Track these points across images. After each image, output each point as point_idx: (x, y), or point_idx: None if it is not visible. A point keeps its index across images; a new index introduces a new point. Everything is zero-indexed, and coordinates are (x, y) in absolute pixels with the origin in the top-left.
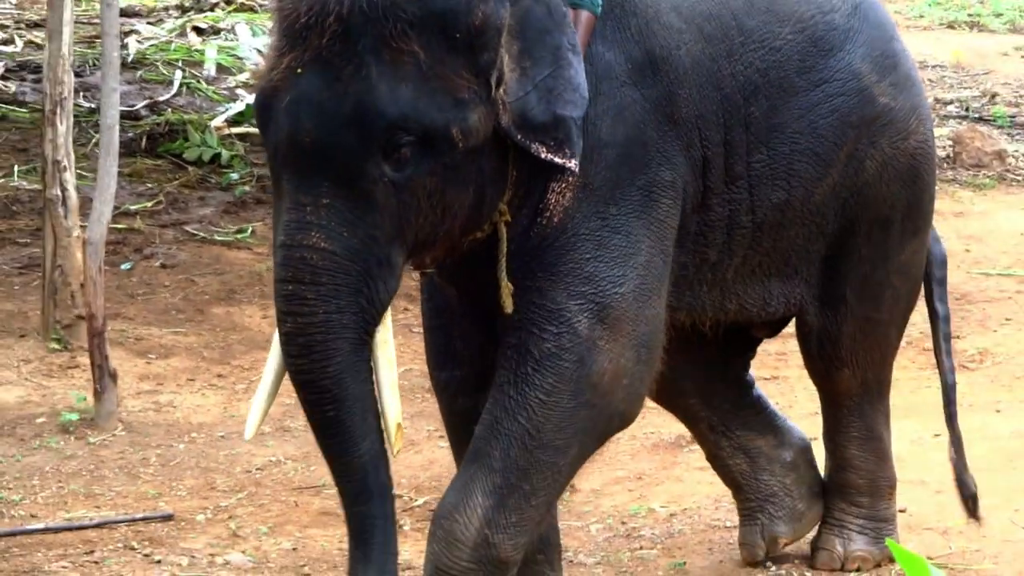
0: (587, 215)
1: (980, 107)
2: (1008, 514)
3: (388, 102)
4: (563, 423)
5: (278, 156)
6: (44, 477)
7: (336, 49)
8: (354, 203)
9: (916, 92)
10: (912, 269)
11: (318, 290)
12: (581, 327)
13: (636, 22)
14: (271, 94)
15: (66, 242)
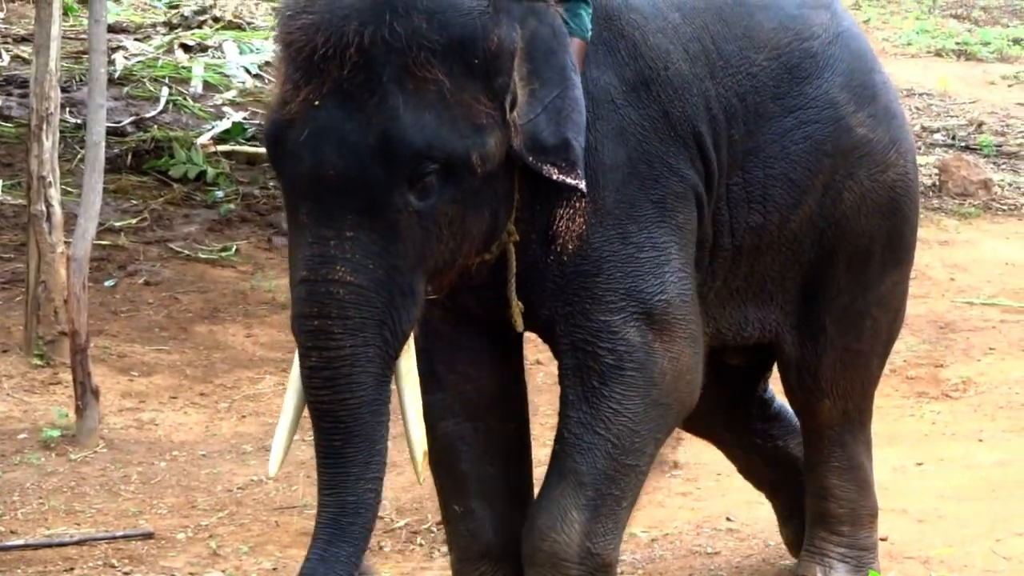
0: (607, 238)
1: (966, 136)
2: (990, 543)
3: (414, 132)
4: (638, 427)
5: (297, 189)
6: (24, 493)
7: (358, 80)
8: (379, 234)
9: (896, 125)
10: (893, 300)
11: (345, 324)
12: (632, 336)
13: (625, 44)
14: (286, 127)
15: (50, 258)
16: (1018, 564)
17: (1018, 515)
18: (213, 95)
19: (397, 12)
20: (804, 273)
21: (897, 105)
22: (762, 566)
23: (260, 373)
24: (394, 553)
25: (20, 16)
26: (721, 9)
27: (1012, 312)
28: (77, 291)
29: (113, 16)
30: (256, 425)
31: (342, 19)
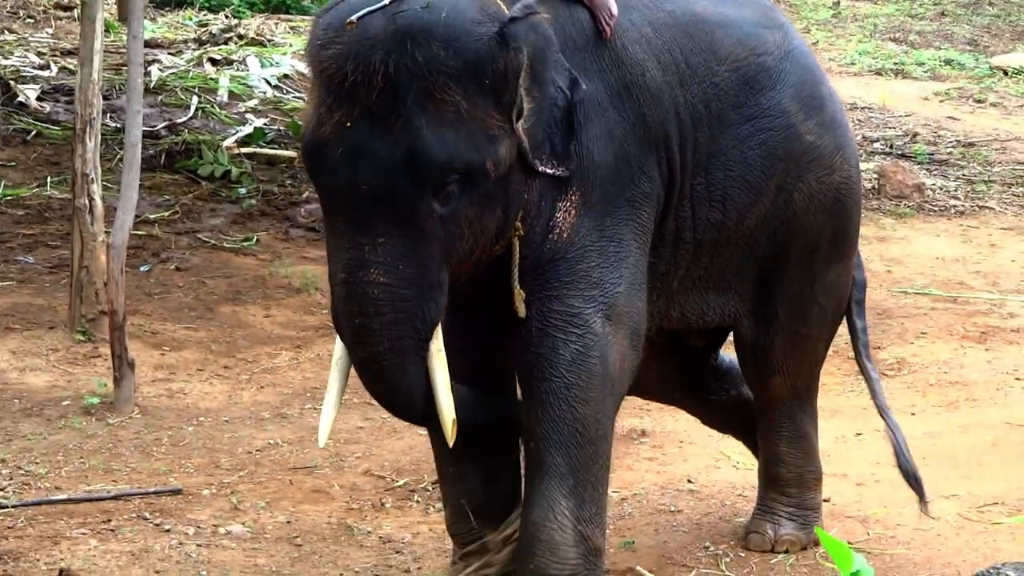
0: (590, 229)
1: (903, 145)
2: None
3: (436, 148)
4: (599, 414)
5: (335, 201)
6: (67, 454)
7: (385, 104)
8: (408, 239)
9: (841, 132)
10: (838, 289)
11: (381, 320)
12: (597, 326)
13: (608, 54)
14: (323, 146)
15: (92, 246)
16: (944, 523)
17: (945, 480)
18: (237, 103)
19: (417, 41)
20: (759, 265)
21: (842, 115)
22: (719, 523)
23: (277, 349)
24: (394, 508)
25: (67, 32)
26: (687, 26)
27: (941, 301)
28: (115, 275)
29: (149, 33)
30: (273, 395)
31: (369, 49)
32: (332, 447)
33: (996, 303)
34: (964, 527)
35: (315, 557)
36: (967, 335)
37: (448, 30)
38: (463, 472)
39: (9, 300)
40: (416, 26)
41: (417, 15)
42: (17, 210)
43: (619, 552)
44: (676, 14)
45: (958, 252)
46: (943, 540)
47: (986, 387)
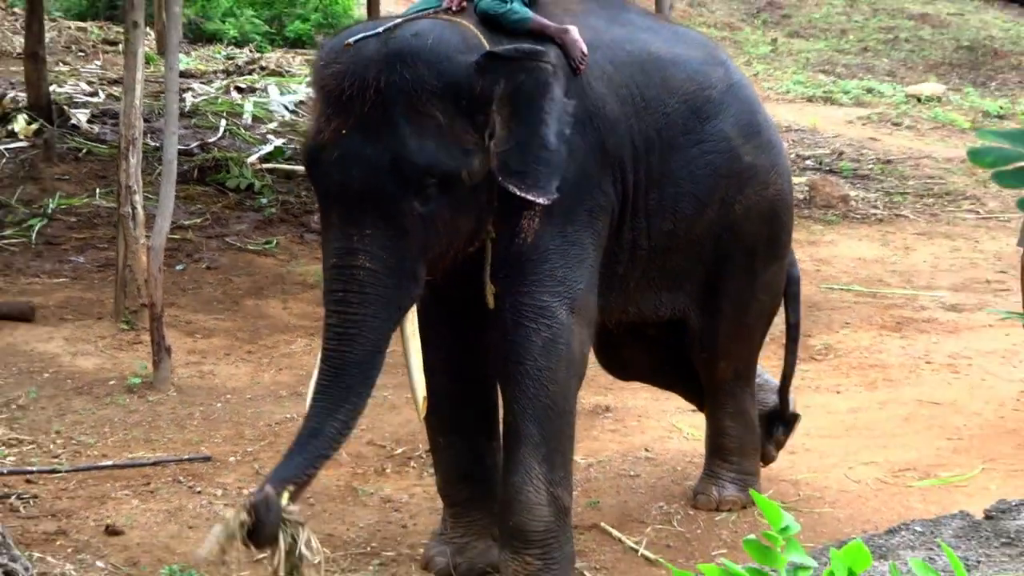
0: (553, 234)
1: (830, 161)
2: (843, 470)
3: (418, 155)
4: (566, 392)
5: (329, 197)
6: (113, 426)
7: (375, 115)
8: (391, 232)
9: (775, 152)
10: (773, 286)
11: (361, 296)
12: (563, 317)
13: (574, 87)
14: (321, 150)
15: (134, 248)
16: (864, 486)
17: (865, 449)
18: (259, 125)
19: (405, 62)
20: (705, 266)
21: (776, 137)
22: (671, 486)
23: (293, 337)
24: (393, 473)
25: (113, 64)
26: (644, 63)
27: (862, 296)
28: (154, 273)
29: (184, 65)
30: (290, 376)
31: (363, 67)
32: None
33: (909, 298)
34: (881, 489)
35: (326, 515)
36: (884, 325)
37: (433, 54)
38: (451, 443)
39: (63, 294)
40: (405, 49)
41: (407, 40)
42: (70, 217)
43: (586, 511)
44: (634, 53)
45: (877, 254)
46: (863, 500)
47: (900, 369)
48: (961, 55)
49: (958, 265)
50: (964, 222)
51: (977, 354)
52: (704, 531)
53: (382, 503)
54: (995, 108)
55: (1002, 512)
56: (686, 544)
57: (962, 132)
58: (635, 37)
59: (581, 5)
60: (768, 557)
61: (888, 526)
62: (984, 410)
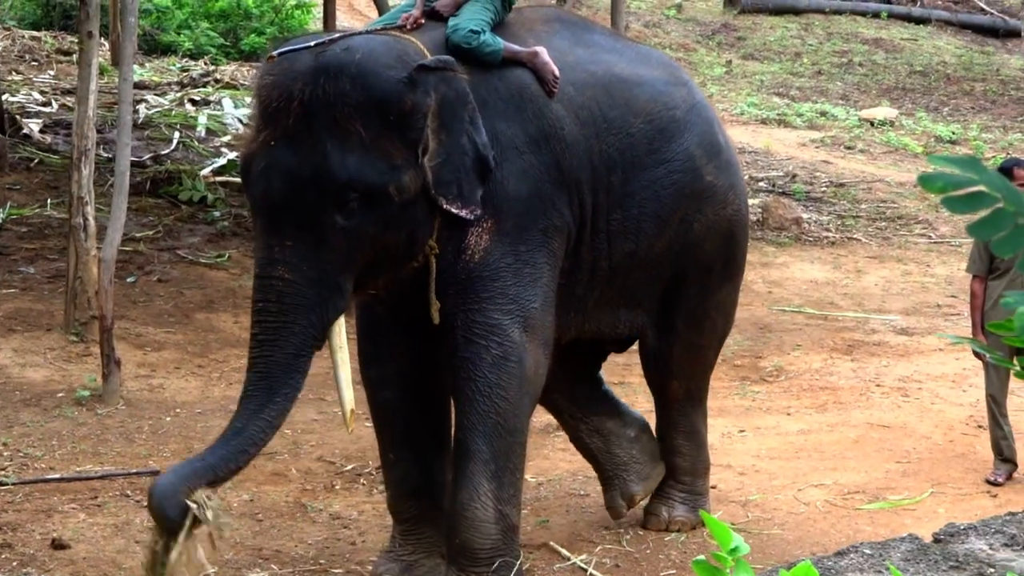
0: (504, 253)
1: (783, 184)
2: (793, 492)
3: (339, 168)
4: (517, 410)
5: (256, 207)
6: (61, 439)
7: (299, 127)
8: (311, 244)
9: (734, 172)
10: (727, 306)
11: (280, 306)
12: (515, 335)
13: (531, 107)
14: (251, 160)
15: (85, 260)
16: (813, 508)
17: (814, 471)
18: (213, 138)
19: (329, 76)
20: (663, 285)
21: (735, 158)
22: None
23: (244, 351)
24: (342, 490)
25: (66, 74)
26: (607, 84)
27: (814, 318)
28: (105, 285)
29: (138, 76)
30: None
31: (291, 80)
32: (289, 436)
33: (860, 321)
34: (830, 511)
35: (274, 531)
36: (835, 348)
37: (359, 69)
38: (401, 458)
39: (12, 305)
40: (333, 63)
41: (336, 55)
42: (21, 227)
43: (535, 529)
44: (597, 74)
45: (829, 276)
46: (812, 522)
47: (851, 392)
48: (914, 80)
49: (909, 289)
50: (916, 246)
51: (927, 378)
52: (653, 551)
53: (331, 520)
54: (947, 133)
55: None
56: (635, 564)
57: (915, 156)
58: (598, 58)
59: (545, 26)
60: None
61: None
62: (933, 434)
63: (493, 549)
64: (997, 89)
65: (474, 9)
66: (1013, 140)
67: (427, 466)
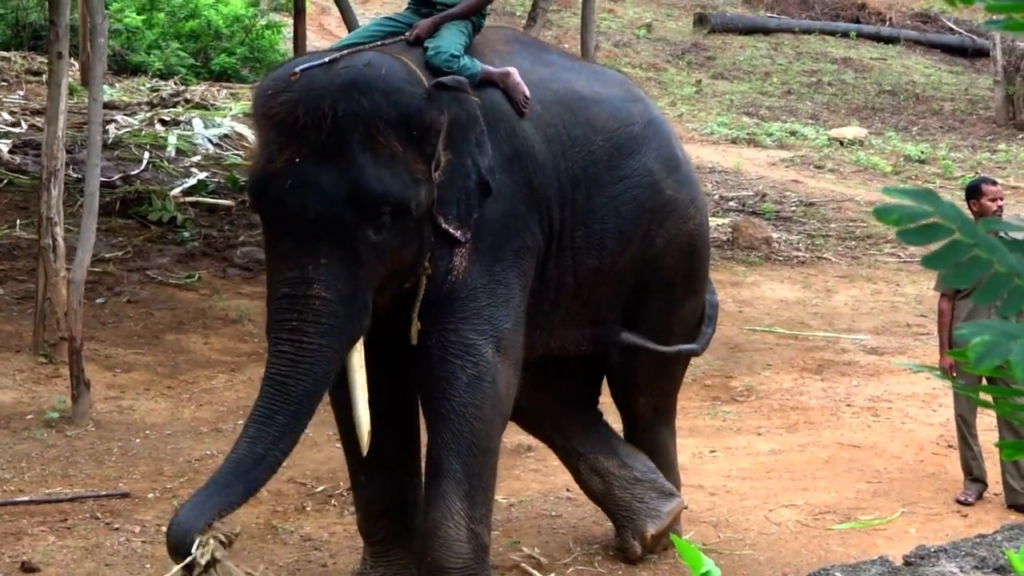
0: (480, 272)
1: (753, 203)
2: (764, 512)
3: (375, 183)
4: (490, 430)
5: (281, 226)
6: (30, 461)
7: (331, 143)
8: (346, 261)
9: (694, 186)
10: (691, 321)
11: (317, 327)
12: (489, 355)
13: (504, 127)
14: (271, 179)
15: (54, 280)
16: (785, 529)
17: (786, 491)
18: (183, 158)
19: (362, 91)
20: (627, 300)
21: (693, 172)
22: (592, 526)
23: (214, 372)
24: (313, 511)
25: (36, 94)
26: (569, 103)
27: (784, 338)
28: (74, 306)
29: (108, 96)
30: (210, 412)
31: (318, 96)
32: None
33: (831, 340)
34: (801, 532)
35: (244, 553)
36: (806, 367)
37: (387, 84)
38: (371, 479)
39: None
40: (360, 79)
41: (360, 70)
42: None
43: (507, 550)
44: (560, 92)
45: (799, 296)
46: (783, 543)
47: (821, 412)
48: (883, 99)
49: (879, 308)
50: (885, 265)
51: (897, 398)
52: (625, 572)
53: (302, 541)
54: (917, 152)
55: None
56: None
57: (884, 176)
58: (559, 76)
59: (506, 47)
60: None
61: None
62: (904, 453)
63: (464, 568)
64: (966, 108)
65: (451, 33)
66: (982, 159)
67: (397, 486)
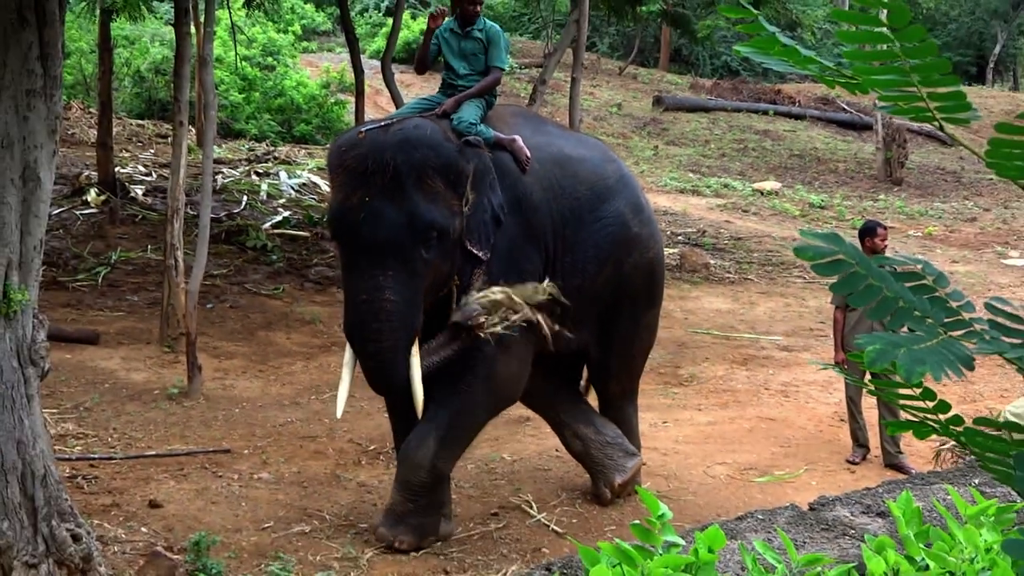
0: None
1: (696, 237)
2: (703, 468)
3: (426, 214)
4: (477, 404)
5: (358, 249)
6: (156, 425)
7: (393, 185)
8: (407, 274)
9: (653, 225)
10: (651, 326)
11: (390, 325)
12: (487, 350)
13: (509, 179)
14: (348, 213)
15: (175, 291)
16: (718, 481)
17: (719, 453)
18: (272, 201)
19: (414, 146)
20: (602, 311)
21: (653, 214)
22: (575, 477)
23: (294, 360)
24: (367, 464)
25: (163, 152)
26: (559, 160)
27: (718, 338)
28: (190, 310)
29: (216, 154)
30: (291, 389)
31: (382, 151)
32: (327, 423)
33: (753, 340)
34: (731, 483)
35: (315, 495)
36: (735, 360)
37: (432, 141)
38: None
39: (121, 325)
40: (412, 137)
41: (410, 131)
42: (128, 267)
43: (511, 495)
44: (553, 153)
45: (730, 307)
46: (717, 492)
47: (746, 394)
48: (793, 161)
49: (789, 316)
50: (794, 284)
51: (803, 383)
52: (600, 512)
53: (358, 487)
54: (818, 201)
55: (822, 505)
56: (585, 522)
57: (794, 218)
58: (552, 142)
59: (513, 119)
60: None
61: (736, 513)
62: (807, 425)
63: (422, 486)
64: (855, 168)
65: (470, 108)
66: (867, 206)
67: None
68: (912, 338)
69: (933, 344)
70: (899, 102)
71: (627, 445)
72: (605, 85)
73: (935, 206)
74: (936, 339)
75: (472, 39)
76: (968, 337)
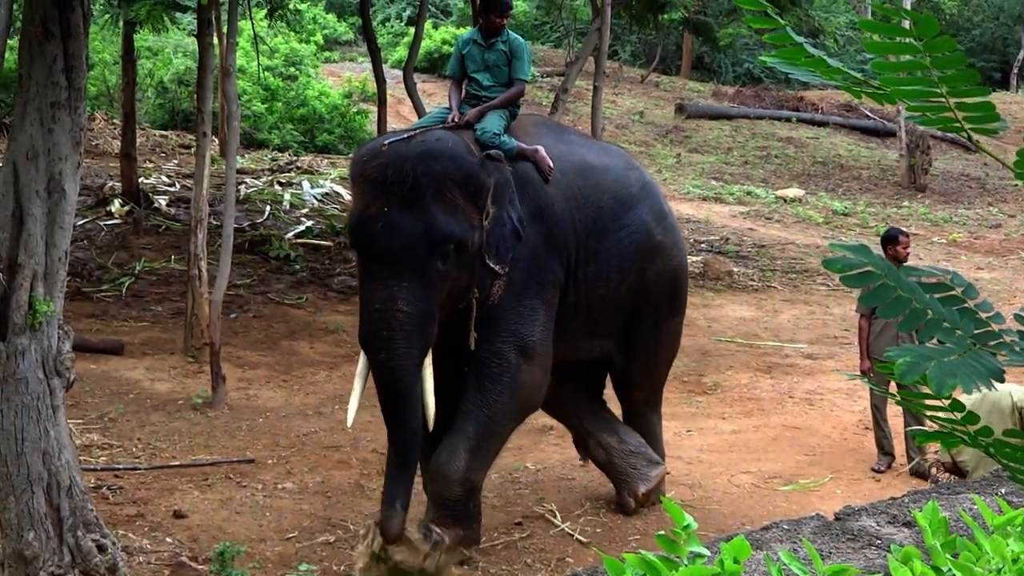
0: (511, 300)
1: (719, 245)
2: (727, 477)
3: (444, 226)
4: (505, 412)
5: (374, 257)
6: (180, 435)
7: (412, 196)
8: (422, 284)
9: (676, 233)
10: (675, 334)
11: (403, 335)
12: (511, 359)
13: (531, 190)
14: (367, 222)
15: (199, 301)
16: (743, 490)
17: (743, 461)
18: (295, 211)
19: (435, 158)
20: (625, 319)
21: (676, 222)
22: (598, 487)
23: (317, 369)
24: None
25: (186, 163)
26: (582, 170)
27: (742, 346)
28: (214, 320)
29: (239, 164)
30: (314, 399)
31: (403, 162)
32: (351, 433)
33: (777, 348)
34: (755, 492)
35: (339, 505)
36: (759, 368)
37: (453, 153)
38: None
39: (146, 335)
40: (433, 149)
41: (432, 143)
42: (152, 277)
43: (535, 504)
44: (576, 163)
45: (753, 314)
46: (741, 500)
47: (770, 402)
48: (816, 168)
49: (813, 324)
50: (818, 292)
51: (827, 391)
52: (624, 522)
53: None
54: (842, 208)
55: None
56: (609, 531)
57: (817, 225)
58: (575, 151)
59: (535, 128)
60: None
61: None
62: (832, 433)
63: (457, 499)
64: (878, 175)
65: (494, 118)
66: (890, 213)
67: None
68: (942, 350)
69: (963, 356)
70: (927, 113)
71: (651, 454)
72: (627, 93)
73: (959, 212)
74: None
75: (496, 51)
76: (998, 348)
